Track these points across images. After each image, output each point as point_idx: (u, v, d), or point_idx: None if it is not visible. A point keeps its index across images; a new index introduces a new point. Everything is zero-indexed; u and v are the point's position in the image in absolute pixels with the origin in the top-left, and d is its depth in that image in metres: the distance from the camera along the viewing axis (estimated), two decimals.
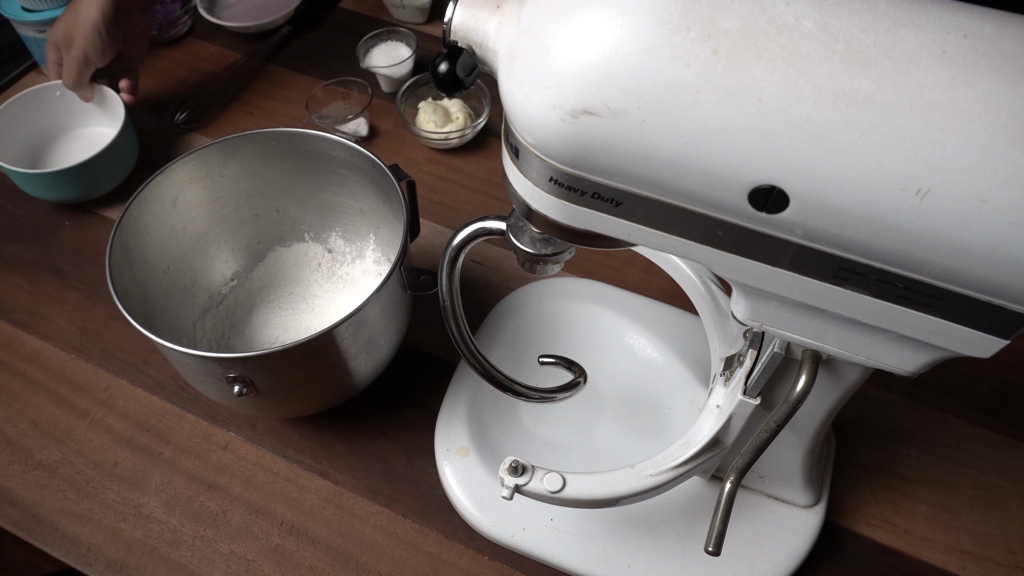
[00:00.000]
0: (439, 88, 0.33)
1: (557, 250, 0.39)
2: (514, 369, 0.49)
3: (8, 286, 0.70)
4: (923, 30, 0.27)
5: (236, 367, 0.48)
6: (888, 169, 0.26)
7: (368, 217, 0.64)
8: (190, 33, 0.93)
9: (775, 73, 0.27)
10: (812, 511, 0.54)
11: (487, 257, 0.71)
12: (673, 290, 0.56)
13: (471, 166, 0.79)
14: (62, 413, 0.62)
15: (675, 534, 0.53)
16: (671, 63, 0.27)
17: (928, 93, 0.26)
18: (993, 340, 0.31)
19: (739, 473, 0.42)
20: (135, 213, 0.55)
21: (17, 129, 0.74)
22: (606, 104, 0.28)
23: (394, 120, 0.83)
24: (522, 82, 0.30)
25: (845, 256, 0.30)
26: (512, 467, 0.44)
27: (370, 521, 0.56)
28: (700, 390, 0.59)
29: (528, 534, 0.53)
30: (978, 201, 0.26)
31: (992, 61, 0.26)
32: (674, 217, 0.31)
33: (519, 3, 0.31)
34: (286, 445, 0.60)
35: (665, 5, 0.27)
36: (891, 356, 0.35)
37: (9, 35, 0.85)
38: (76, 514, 0.57)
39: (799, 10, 0.27)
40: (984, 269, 0.27)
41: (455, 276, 0.43)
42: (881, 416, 0.62)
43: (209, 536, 0.56)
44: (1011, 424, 0.61)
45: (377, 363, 0.56)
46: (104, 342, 0.66)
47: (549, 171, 0.31)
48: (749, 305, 0.36)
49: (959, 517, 0.57)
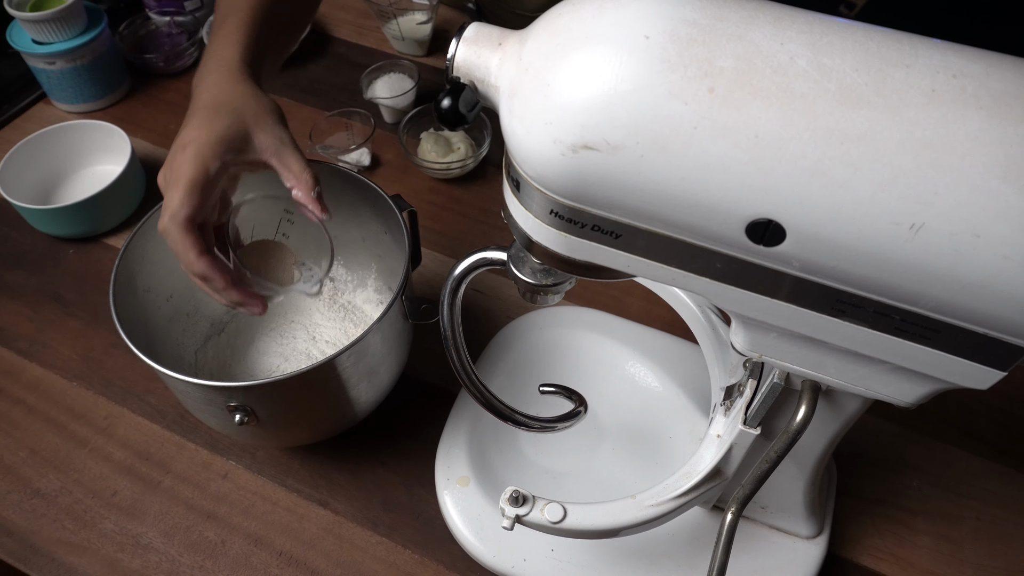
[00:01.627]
0: (442, 123, 0.34)
1: (558, 280, 0.40)
2: (515, 398, 0.49)
3: (10, 314, 0.70)
4: (913, 69, 0.27)
5: (237, 396, 0.48)
6: (882, 204, 0.27)
7: (370, 246, 0.65)
8: (196, 65, 0.94)
9: (770, 110, 0.27)
10: (814, 542, 0.53)
11: (488, 286, 0.72)
12: (673, 319, 0.56)
13: (472, 196, 0.79)
14: (62, 441, 0.62)
15: (676, 565, 0.53)
16: (668, 100, 0.28)
17: (919, 131, 0.26)
18: (990, 372, 0.31)
19: (740, 504, 0.42)
20: (139, 242, 0.56)
21: (29, 167, 0.75)
22: (605, 139, 0.29)
23: (396, 150, 0.84)
24: (523, 117, 0.30)
25: (842, 288, 0.30)
26: (513, 497, 0.44)
27: (370, 552, 0.56)
28: (701, 419, 0.59)
29: (529, 565, 0.53)
30: (971, 236, 0.26)
31: (981, 100, 0.26)
32: (673, 249, 0.32)
33: (520, 41, 0.32)
34: (286, 474, 0.60)
35: (663, 44, 0.28)
36: (890, 387, 0.35)
37: (19, 67, 0.87)
38: (74, 544, 0.56)
39: (793, 50, 0.28)
40: (979, 302, 0.28)
41: (456, 306, 0.43)
42: (882, 447, 0.62)
43: (208, 567, 0.55)
44: (1012, 456, 0.61)
45: (378, 392, 0.56)
46: (105, 370, 0.66)
47: (550, 204, 0.32)
48: (748, 336, 0.36)
49: (963, 549, 0.56)
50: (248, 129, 0.48)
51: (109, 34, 0.85)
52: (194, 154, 0.45)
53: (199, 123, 0.47)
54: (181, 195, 0.45)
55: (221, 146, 0.46)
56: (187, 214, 0.45)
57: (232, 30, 0.52)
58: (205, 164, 0.45)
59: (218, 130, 0.46)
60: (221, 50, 0.51)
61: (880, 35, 0.29)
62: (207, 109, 0.48)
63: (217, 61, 0.50)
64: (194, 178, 0.45)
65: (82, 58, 0.83)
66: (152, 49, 0.92)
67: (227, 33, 0.52)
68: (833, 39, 0.28)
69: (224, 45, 0.51)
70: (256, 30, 0.53)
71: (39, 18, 0.78)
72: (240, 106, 0.48)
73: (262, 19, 0.53)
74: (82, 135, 0.78)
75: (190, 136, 0.46)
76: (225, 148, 0.46)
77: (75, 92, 0.85)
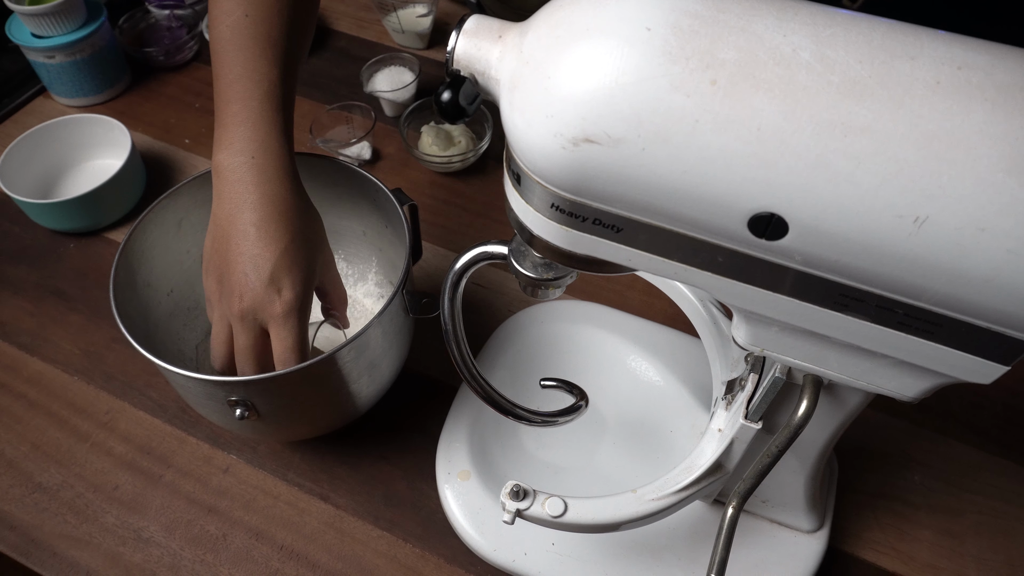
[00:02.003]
0: (442, 116, 0.34)
1: (558, 274, 0.40)
2: (516, 392, 0.49)
3: (12, 309, 0.70)
4: (918, 61, 0.27)
5: (238, 390, 0.48)
6: (885, 197, 0.27)
7: (371, 240, 0.64)
8: (196, 58, 0.94)
9: (773, 103, 0.27)
10: (815, 536, 0.53)
11: (489, 280, 0.72)
12: (675, 313, 0.56)
13: (473, 189, 0.79)
14: (63, 436, 0.62)
15: (677, 559, 0.53)
16: (670, 93, 0.28)
17: (924, 123, 0.26)
18: (993, 366, 0.31)
19: (741, 498, 0.42)
20: (139, 236, 0.56)
21: (29, 162, 0.75)
22: (606, 132, 0.28)
23: (397, 144, 0.83)
24: (524, 110, 0.30)
25: (845, 283, 0.30)
26: (514, 491, 0.44)
27: (371, 545, 0.56)
28: (702, 414, 0.59)
29: (530, 559, 0.53)
30: (975, 229, 0.26)
31: (986, 92, 0.26)
32: (674, 243, 0.31)
33: (521, 33, 0.32)
34: (287, 468, 0.60)
35: (664, 36, 0.28)
36: (892, 381, 0.35)
37: (19, 61, 0.87)
38: (75, 538, 0.57)
39: (796, 42, 0.28)
40: (982, 296, 0.27)
41: (457, 300, 0.43)
42: (884, 441, 0.62)
43: (209, 560, 0.55)
44: (1014, 450, 0.61)
45: (379, 387, 0.56)
46: (106, 365, 0.66)
47: (550, 198, 0.32)
48: (750, 330, 0.36)
49: (964, 544, 0.56)
50: (317, 257, 0.49)
51: (109, 28, 0.85)
52: (303, 310, 0.47)
53: (288, 264, 0.46)
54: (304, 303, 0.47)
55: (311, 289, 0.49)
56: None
57: (268, 105, 0.48)
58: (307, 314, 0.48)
59: (310, 275, 0.48)
60: (262, 133, 0.48)
61: (884, 27, 0.28)
62: (287, 241, 0.47)
63: (266, 154, 0.48)
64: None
65: (82, 52, 0.82)
66: (152, 43, 0.92)
67: (262, 108, 0.48)
68: (836, 31, 0.28)
69: (263, 126, 0.48)
70: (288, 89, 0.50)
71: (38, 12, 0.78)
72: (312, 237, 0.49)
73: (290, 62, 0.51)
74: (82, 129, 0.78)
75: (281, 274, 0.46)
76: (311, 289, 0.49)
77: (75, 86, 0.85)
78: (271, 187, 0.47)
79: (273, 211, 0.47)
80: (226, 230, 0.47)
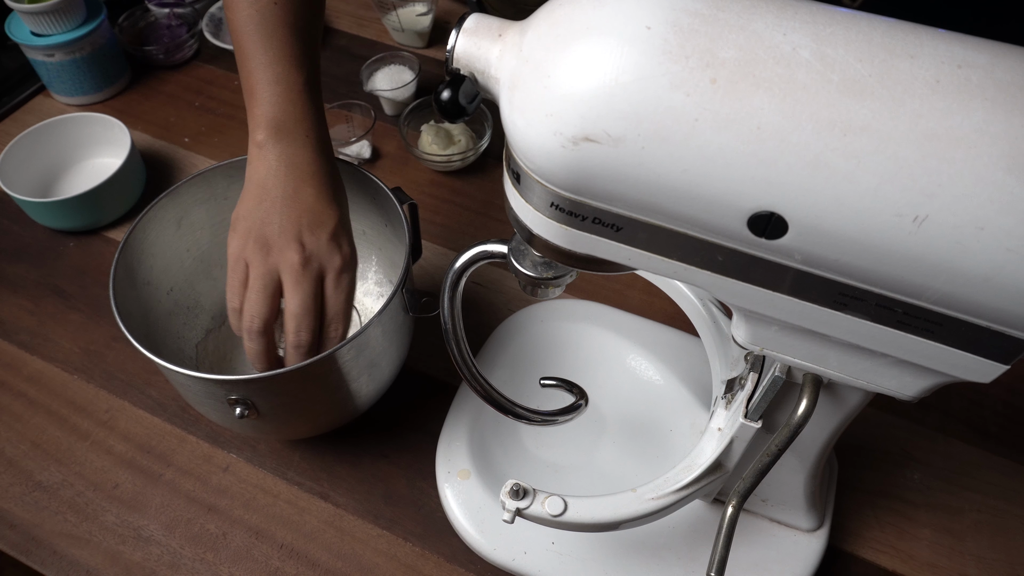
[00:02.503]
0: (442, 115, 0.34)
1: (558, 273, 0.40)
2: (515, 391, 0.49)
3: (12, 307, 0.70)
4: (917, 60, 0.27)
5: (238, 389, 0.48)
6: (885, 196, 0.26)
7: (370, 239, 0.64)
8: (196, 57, 0.94)
9: (772, 101, 0.27)
10: (815, 535, 0.53)
11: (488, 279, 0.72)
12: (674, 312, 0.56)
13: (473, 188, 0.79)
14: (63, 434, 0.62)
15: (677, 558, 0.53)
16: (670, 92, 0.28)
17: (923, 122, 0.26)
18: (993, 365, 0.31)
19: (741, 497, 0.42)
20: (139, 235, 0.56)
21: (29, 160, 0.75)
22: (606, 131, 0.28)
23: (397, 143, 0.83)
24: (524, 109, 0.30)
25: (844, 281, 0.30)
26: (513, 490, 0.44)
27: (371, 544, 0.56)
28: (702, 412, 0.59)
29: (529, 558, 0.53)
30: (975, 228, 0.26)
31: (986, 91, 0.26)
32: (674, 242, 0.31)
33: (521, 32, 0.32)
34: (287, 467, 0.60)
35: (664, 35, 0.28)
36: (892, 380, 0.35)
37: (18, 59, 0.87)
38: (75, 536, 0.57)
39: (796, 40, 0.28)
40: (982, 295, 0.27)
41: (457, 299, 0.43)
42: (884, 440, 0.62)
43: (209, 559, 0.55)
44: (1014, 448, 0.61)
45: (378, 386, 0.56)
46: (106, 363, 0.66)
47: (550, 196, 0.32)
48: (750, 329, 0.36)
49: (964, 542, 0.56)
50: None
51: (108, 26, 0.85)
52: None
53: (347, 228, 0.51)
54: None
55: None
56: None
57: (311, 87, 0.52)
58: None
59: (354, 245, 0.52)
60: (312, 114, 0.52)
61: (884, 25, 0.28)
62: (344, 210, 0.52)
63: (318, 133, 0.52)
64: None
65: (81, 50, 0.82)
66: (152, 41, 0.92)
67: (307, 88, 0.52)
68: (836, 29, 0.28)
69: (312, 109, 0.52)
70: (316, 84, 0.53)
71: (38, 10, 0.77)
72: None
73: (317, 49, 0.54)
74: (82, 128, 0.78)
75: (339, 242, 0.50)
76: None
77: (74, 84, 0.85)
78: (327, 165, 0.51)
79: (332, 184, 0.51)
80: (282, 192, 0.49)
